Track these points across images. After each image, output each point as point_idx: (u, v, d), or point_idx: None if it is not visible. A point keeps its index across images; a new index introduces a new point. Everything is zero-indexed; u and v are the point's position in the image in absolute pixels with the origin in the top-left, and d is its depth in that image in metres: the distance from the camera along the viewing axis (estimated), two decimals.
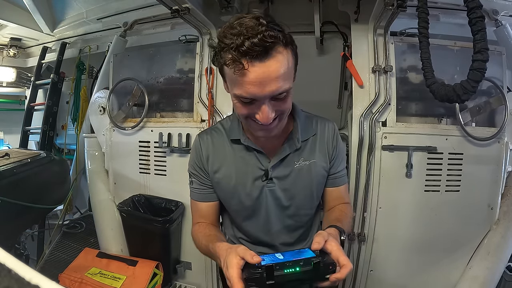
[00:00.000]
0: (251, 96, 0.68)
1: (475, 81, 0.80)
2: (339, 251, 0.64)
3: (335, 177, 0.94)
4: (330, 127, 0.93)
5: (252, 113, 0.72)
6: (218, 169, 0.90)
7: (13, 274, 0.21)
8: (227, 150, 0.89)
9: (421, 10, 0.95)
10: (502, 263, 1.52)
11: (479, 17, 0.76)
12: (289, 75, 0.70)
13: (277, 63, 0.65)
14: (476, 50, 0.77)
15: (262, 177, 0.87)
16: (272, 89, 0.67)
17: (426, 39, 0.96)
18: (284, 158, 0.87)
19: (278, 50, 0.65)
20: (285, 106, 0.74)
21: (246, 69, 0.64)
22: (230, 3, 1.66)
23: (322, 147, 0.91)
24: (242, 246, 0.68)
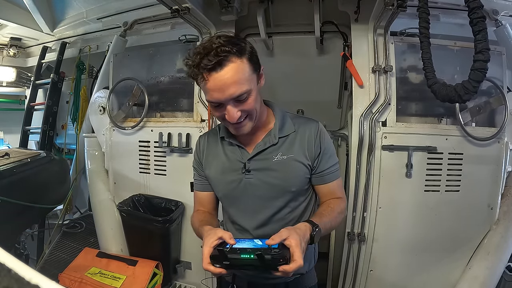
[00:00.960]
0: (216, 100, 0.83)
1: (477, 81, 0.79)
2: (296, 247, 0.72)
3: (323, 174, 0.98)
4: (313, 126, 0.99)
5: (223, 114, 0.86)
6: (209, 161, 1.04)
7: (13, 274, 0.21)
8: (218, 146, 1.03)
9: (422, 10, 0.95)
10: (502, 263, 1.52)
11: (480, 18, 0.76)
12: (246, 80, 0.82)
13: (231, 71, 0.79)
14: (478, 50, 0.77)
15: (242, 169, 0.96)
16: (230, 93, 0.81)
17: (427, 39, 0.96)
18: (261, 152, 0.96)
19: (231, 60, 0.79)
20: (248, 107, 0.85)
21: (207, 80, 0.80)
22: (230, 3, 1.66)
23: (302, 144, 0.96)
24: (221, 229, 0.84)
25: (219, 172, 1.01)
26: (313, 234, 0.81)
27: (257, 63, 0.88)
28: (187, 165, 1.85)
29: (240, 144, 0.98)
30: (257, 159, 0.96)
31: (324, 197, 1.02)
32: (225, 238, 0.78)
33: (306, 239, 0.78)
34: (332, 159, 1.00)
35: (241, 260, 0.73)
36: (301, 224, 0.83)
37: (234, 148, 0.99)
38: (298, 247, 0.73)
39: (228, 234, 0.80)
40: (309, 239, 0.80)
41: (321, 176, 0.99)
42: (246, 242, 0.80)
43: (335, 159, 1.01)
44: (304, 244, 0.76)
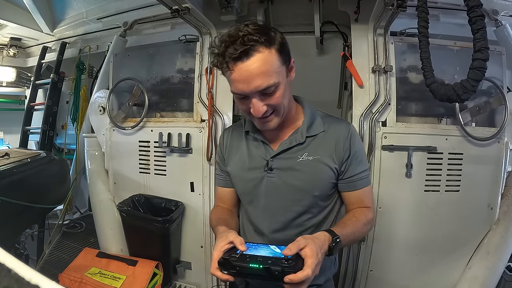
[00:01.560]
0: (240, 92, 0.78)
1: (475, 80, 0.79)
2: (310, 257, 0.67)
3: (352, 180, 0.92)
4: (344, 127, 0.93)
5: (248, 108, 0.82)
6: (231, 156, 1.00)
7: (13, 274, 0.21)
8: (241, 140, 0.99)
9: (421, 10, 0.95)
10: (502, 263, 1.52)
11: (479, 16, 0.76)
12: (274, 72, 0.77)
13: (258, 62, 0.75)
14: (476, 49, 0.77)
15: (264, 167, 0.92)
16: (256, 85, 0.76)
17: (426, 38, 0.96)
18: (286, 150, 0.91)
19: (258, 50, 0.75)
20: (275, 101, 0.80)
21: (231, 70, 0.76)
22: (230, 3, 1.66)
23: (330, 146, 0.90)
24: (235, 233, 0.78)
25: (239, 168, 0.97)
26: (332, 246, 0.75)
27: (288, 54, 0.82)
28: (187, 165, 1.86)
29: (265, 140, 0.94)
30: (281, 157, 0.91)
31: (351, 205, 0.95)
32: (236, 243, 0.74)
33: (323, 250, 0.73)
34: (363, 164, 0.93)
35: (249, 269, 0.68)
36: (321, 234, 0.77)
37: (258, 143, 0.95)
38: (313, 257, 0.67)
39: (240, 239, 0.75)
40: (327, 250, 0.75)
41: (350, 182, 0.92)
42: (260, 249, 0.74)
43: (366, 165, 0.95)
44: (320, 255, 0.70)
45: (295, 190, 0.90)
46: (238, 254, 0.71)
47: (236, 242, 0.74)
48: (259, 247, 0.75)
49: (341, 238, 0.78)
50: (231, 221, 0.98)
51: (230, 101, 1.83)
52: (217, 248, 0.74)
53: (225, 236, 0.76)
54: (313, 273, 0.66)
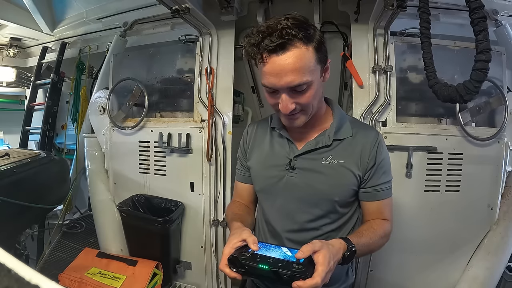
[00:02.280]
0: (271, 86, 0.77)
1: (478, 81, 0.79)
2: (322, 264, 0.65)
3: (374, 190, 0.89)
4: (372, 134, 0.90)
5: (276, 103, 0.80)
6: (253, 151, 0.99)
7: (13, 274, 0.21)
8: (266, 136, 0.98)
9: (422, 11, 0.95)
10: (502, 263, 1.52)
11: (481, 18, 0.76)
12: (308, 70, 0.75)
13: (293, 57, 0.72)
14: (479, 50, 0.77)
15: (286, 165, 0.90)
16: (288, 80, 0.73)
17: (428, 39, 0.96)
18: (312, 151, 0.89)
19: (295, 45, 0.72)
20: (305, 100, 0.78)
21: (265, 62, 0.74)
22: (230, 3, 1.66)
23: (356, 152, 0.88)
24: (249, 231, 0.77)
25: (260, 164, 0.95)
26: (346, 254, 0.74)
27: (325, 54, 0.80)
28: (187, 165, 1.86)
29: (290, 138, 0.92)
30: (305, 157, 0.89)
31: (369, 215, 0.92)
32: (249, 242, 0.72)
33: (337, 258, 0.71)
34: (386, 175, 0.91)
35: (258, 269, 0.66)
36: (336, 241, 0.75)
37: (283, 141, 0.93)
38: (324, 265, 0.65)
39: (253, 238, 0.73)
40: (341, 258, 0.73)
41: (371, 192, 0.89)
42: (272, 250, 0.73)
43: (390, 176, 0.92)
44: (333, 263, 0.68)
45: (315, 192, 0.88)
46: (249, 253, 0.70)
47: (249, 240, 0.72)
48: (271, 248, 0.74)
49: (356, 248, 0.76)
50: (248, 218, 0.97)
51: (230, 101, 1.83)
52: (229, 244, 0.72)
53: (239, 233, 0.75)
54: (323, 281, 0.64)
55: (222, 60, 1.83)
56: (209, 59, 1.83)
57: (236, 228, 0.81)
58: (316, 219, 0.90)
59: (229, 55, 1.83)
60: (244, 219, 0.91)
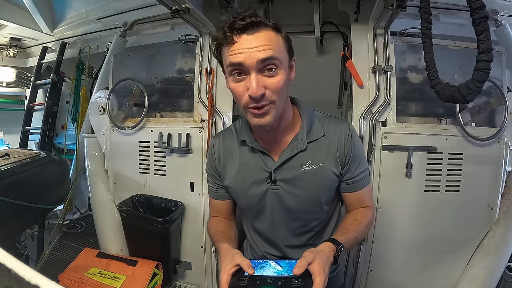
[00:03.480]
0: (240, 62, 0.73)
1: (480, 81, 0.79)
2: (318, 274, 0.67)
3: (353, 181, 0.90)
4: (344, 128, 0.90)
5: (244, 90, 0.76)
6: (227, 170, 0.95)
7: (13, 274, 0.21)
8: (235, 151, 0.93)
9: (423, 11, 0.95)
10: (502, 263, 1.52)
11: (483, 18, 0.76)
12: (279, 51, 0.75)
13: (264, 36, 0.73)
14: (480, 50, 0.77)
15: (267, 179, 0.88)
16: (258, 56, 0.72)
17: (429, 39, 0.96)
18: (289, 160, 0.87)
19: (267, 28, 0.74)
20: (274, 85, 0.75)
21: (235, 42, 0.73)
22: (230, 3, 1.66)
23: (332, 150, 0.87)
24: (240, 254, 0.77)
25: (239, 183, 0.92)
26: (337, 255, 0.76)
27: (291, 50, 0.81)
28: (187, 165, 1.86)
29: (264, 150, 0.89)
30: (284, 167, 0.87)
31: (351, 206, 0.94)
32: (243, 267, 0.73)
33: (329, 262, 0.73)
34: (362, 164, 0.91)
35: None
36: (325, 246, 0.77)
37: (256, 154, 0.90)
38: (321, 274, 0.67)
39: (247, 262, 0.74)
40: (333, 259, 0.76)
41: (350, 184, 0.91)
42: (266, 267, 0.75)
43: (365, 164, 0.93)
44: (327, 268, 0.71)
45: (302, 199, 0.88)
46: (246, 277, 0.71)
47: (243, 265, 0.73)
48: (265, 265, 0.76)
49: (344, 246, 0.78)
50: (231, 232, 0.96)
51: (230, 101, 1.83)
52: (225, 272, 0.73)
53: (231, 258, 0.75)
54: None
55: None
56: (209, 59, 1.83)
57: (226, 251, 0.80)
58: (307, 223, 0.92)
59: None
60: (229, 236, 0.91)
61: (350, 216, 0.92)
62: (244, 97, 0.76)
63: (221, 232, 0.93)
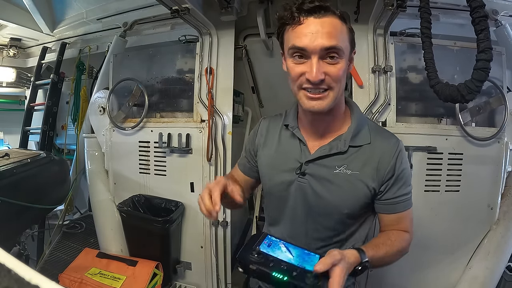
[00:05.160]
0: (303, 46, 0.72)
1: (480, 80, 0.79)
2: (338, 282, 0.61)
3: (391, 202, 0.83)
4: (392, 142, 0.83)
5: (302, 72, 0.75)
6: (265, 150, 0.95)
7: (13, 274, 0.21)
8: (277, 134, 0.93)
9: (423, 11, 0.95)
10: (502, 263, 1.52)
11: (482, 17, 0.76)
12: (343, 41, 0.74)
13: (331, 23, 0.72)
14: (480, 49, 0.77)
15: (297, 170, 0.85)
16: (323, 42, 0.71)
17: (429, 39, 0.96)
18: (324, 157, 0.83)
19: (334, 15, 0.73)
20: (335, 72, 0.74)
21: (301, 23, 0.73)
22: (230, 4, 1.66)
23: (373, 162, 0.81)
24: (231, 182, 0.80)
25: (270, 167, 0.91)
26: (358, 269, 0.70)
27: (354, 41, 0.80)
28: (187, 165, 1.86)
29: (303, 138, 0.86)
30: (317, 163, 0.83)
31: (386, 227, 0.87)
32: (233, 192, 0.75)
33: (349, 272, 0.68)
34: (406, 186, 0.84)
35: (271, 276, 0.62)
36: (351, 254, 0.70)
37: (294, 141, 0.88)
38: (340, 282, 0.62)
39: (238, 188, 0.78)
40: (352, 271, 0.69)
41: (389, 205, 0.83)
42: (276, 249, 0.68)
43: (409, 187, 0.85)
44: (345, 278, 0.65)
45: (324, 203, 0.83)
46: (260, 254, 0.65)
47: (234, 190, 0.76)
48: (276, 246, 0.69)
49: (369, 263, 0.72)
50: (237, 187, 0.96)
51: (230, 101, 1.83)
52: (216, 182, 0.75)
53: (224, 180, 0.77)
54: None
55: (222, 60, 1.83)
56: (209, 59, 1.83)
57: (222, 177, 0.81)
58: (324, 230, 0.86)
59: (229, 55, 1.83)
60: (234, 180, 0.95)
61: (384, 235, 0.85)
62: (301, 78, 0.76)
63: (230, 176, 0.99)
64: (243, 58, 2.35)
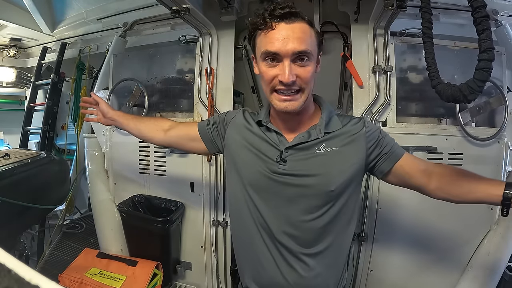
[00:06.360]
0: (275, 50, 0.78)
1: (482, 80, 0.79)
2: None
3: (391, 152, 0.90)
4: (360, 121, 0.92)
5: (275, 75, 0.80)
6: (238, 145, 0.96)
7: (13, 274, 0.21)
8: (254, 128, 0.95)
9: (424, 11, 0.95)
10: (502, 263, 1.52)
11: (484, 17, 0.76)
12: (311, 45, 0.80)
13: (300, 28, 0.79)
14: (482, 49, 0.77)
15: (277, 158, 0.88)
16: (294, 46, 0.77)
17: (430, 39, 0.95)
18: (303, 143, 0.87)
19: (303, 20, 0.80)
20: (305, 74, 0.80)
21: (273, 28, 0.78)
22: (230, 3, 1.66)
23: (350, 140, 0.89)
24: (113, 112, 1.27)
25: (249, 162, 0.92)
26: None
27: (321, 45, 0.86)
28: (187, 165, 1.86)
29: (279, 130, 0.90)
30: (297, 148, 0.87)
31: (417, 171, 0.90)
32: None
33: None
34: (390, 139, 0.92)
35: None
36: None
37: (271, 134, 0.91)
38: None
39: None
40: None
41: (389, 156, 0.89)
42: None
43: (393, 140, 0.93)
44: None
45: (309, 183, 0.85)
46: None
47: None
48: None
49: None
50: (142, 122, 1.22)
51: (230, 101, 1.83)
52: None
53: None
54: None
55: (222, 60, 1.83)
56: (209, 59, 1.83)
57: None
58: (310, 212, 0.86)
59: (229, 55, 1.83)
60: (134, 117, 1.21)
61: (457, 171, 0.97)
62: (274, 81, 0.81)
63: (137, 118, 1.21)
64: (243, 58, 2.35)
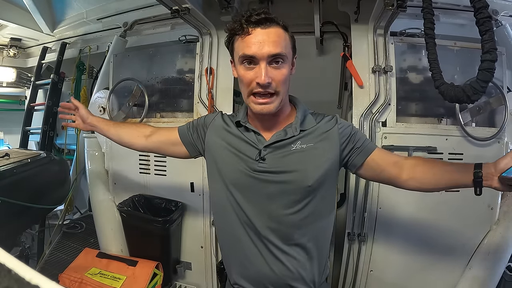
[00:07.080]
0: (252, 54, 0.83)
1: (485, 81, 0.79)
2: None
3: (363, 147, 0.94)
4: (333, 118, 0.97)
5: (254, 78, 0.85)
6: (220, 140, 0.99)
7: (13, 274, 0.21)
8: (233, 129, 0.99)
9: (426, 11, 0.95)
10: (502, 263, 1.52)
11: (487, 17, 0.76)
12: (286, 49, 0.85)
13: (275, 33, 0.84)
14: (485, 50, 0.77)
15: (256, 156, 0.92)
16: (269, 49, 0.82)
17: (433, 40, 0.95)
18: (280, 141, 0.92)
19: (278, 25, 0.85)
20: (280, 76, 0.85)
21: (249, 33, 0.83)
22: (230, 3, 1.66)
23: (322, 135, 0.94)
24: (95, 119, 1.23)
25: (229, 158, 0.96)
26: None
27: (295, 48, 0.91)
28: (187, 165, 1.85)
29: (257, 130, 0.95)
30: (274, 147, 0.92)
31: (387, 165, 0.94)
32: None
33: None
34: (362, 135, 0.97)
35: None
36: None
37: (249, 134, 0.95)
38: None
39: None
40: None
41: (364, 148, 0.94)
42: None
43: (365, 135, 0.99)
44: None
45: (288, 180, 0.89)
46: None
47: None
48: None
49: None
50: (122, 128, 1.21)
51: (230, 101, 1.83)
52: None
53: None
54: None
55: (222, 60, 1.83)
56: (209, 59, 1.83)
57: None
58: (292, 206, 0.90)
59: (229, 55, 1.83)
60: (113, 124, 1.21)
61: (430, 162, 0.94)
62: (252, 84, 0.86)
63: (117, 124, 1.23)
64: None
